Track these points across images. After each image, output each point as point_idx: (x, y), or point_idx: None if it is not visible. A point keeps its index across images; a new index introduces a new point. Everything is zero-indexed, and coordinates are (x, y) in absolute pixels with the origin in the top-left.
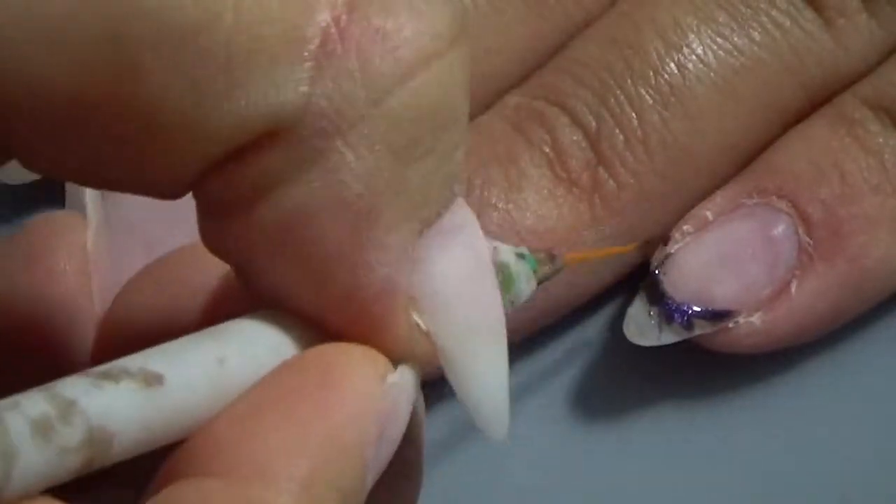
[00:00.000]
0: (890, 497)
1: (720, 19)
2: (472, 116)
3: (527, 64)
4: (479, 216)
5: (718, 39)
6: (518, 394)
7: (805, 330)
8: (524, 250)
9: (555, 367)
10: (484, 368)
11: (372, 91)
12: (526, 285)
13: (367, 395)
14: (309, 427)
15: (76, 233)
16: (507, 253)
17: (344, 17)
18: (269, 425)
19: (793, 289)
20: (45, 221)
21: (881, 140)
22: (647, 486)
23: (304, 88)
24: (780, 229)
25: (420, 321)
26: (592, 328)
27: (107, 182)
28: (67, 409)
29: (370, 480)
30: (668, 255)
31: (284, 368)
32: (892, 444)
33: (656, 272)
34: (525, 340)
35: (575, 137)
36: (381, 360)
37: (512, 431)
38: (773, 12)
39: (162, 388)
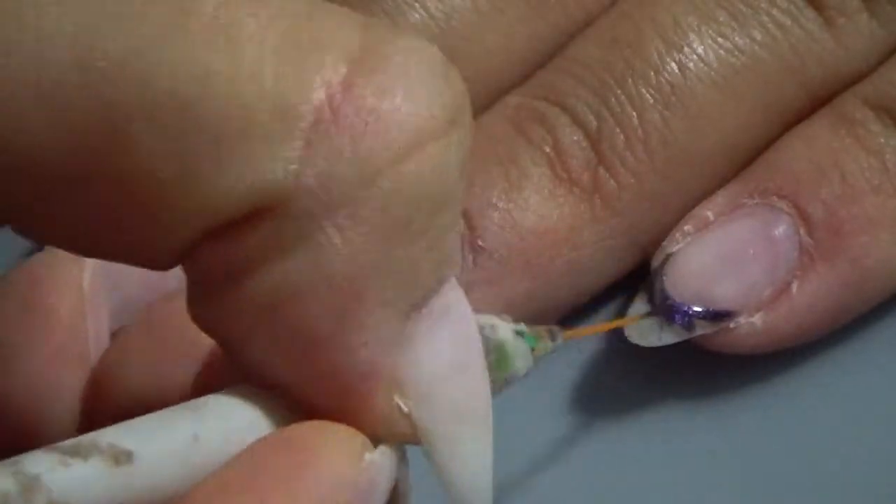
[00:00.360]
0: (890, 497)
1: (720, 18)
2: (473, 116)
3: (527, 63)
4: (479, 216)
5: (719, 39)
6: (518, 393)
7: (806, 330)
8: (523, 328)
9: (555, 367)
10: (466, 454)
11: (362, 172)
12: (523, 363)
13: (342, 474)
14: None
15: (73, 272)
16: (504, 331)
17: (338, 95)
18: None
19: (794, 289)
20: (42, 260)
21: (882, 140)
22: (647, 486)
23: (293, 166)
24: (780, 229)
25: (402, 403)
26: None
27: (97, 251)
28: (30, 485)
29: None
30: (668, 256)
31: (259, 445)
32: (893, 445)
33: (657, 273)
34: None
35: (575, 137)
36: (359, 439)
37: (511, 431)
38: (774, 11)
39: (131, 466)
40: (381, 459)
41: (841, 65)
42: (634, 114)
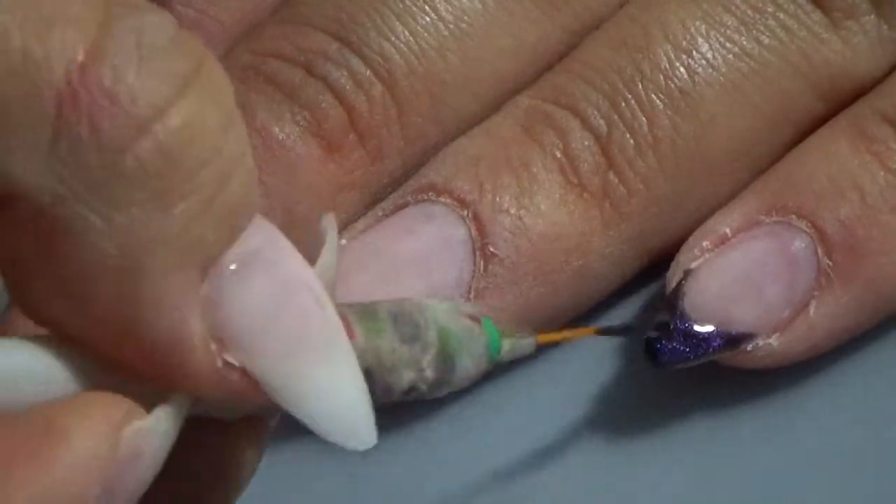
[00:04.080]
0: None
1: (728, 23)
2: (484, 117)
3: (536, 65)
4: (491, 221)
5: (727, 43)
6: (523, 403)
7: (820, 349)
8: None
9: (560, 376)
10: (315, 387)
11: (103, 156)
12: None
13: (95, 449)
14: (21, 487)
15: None
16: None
17: (76, 78)
18: None
19: (811, 311)
20: None
21: None
22: (656, 497)
23: (39, 156)
24: (799, 250)
25: (231, 359)
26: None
27: None
28: None
29: None
30: (686, 273)
31: (11, 421)
32: None
33: (676, 291)
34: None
35: (586, 142)
36: (120, 410)
37: (514, 439)
38: (781, 15)
39: None
40: (152, 425)
41: (849, 66)
42: (644, 119)
